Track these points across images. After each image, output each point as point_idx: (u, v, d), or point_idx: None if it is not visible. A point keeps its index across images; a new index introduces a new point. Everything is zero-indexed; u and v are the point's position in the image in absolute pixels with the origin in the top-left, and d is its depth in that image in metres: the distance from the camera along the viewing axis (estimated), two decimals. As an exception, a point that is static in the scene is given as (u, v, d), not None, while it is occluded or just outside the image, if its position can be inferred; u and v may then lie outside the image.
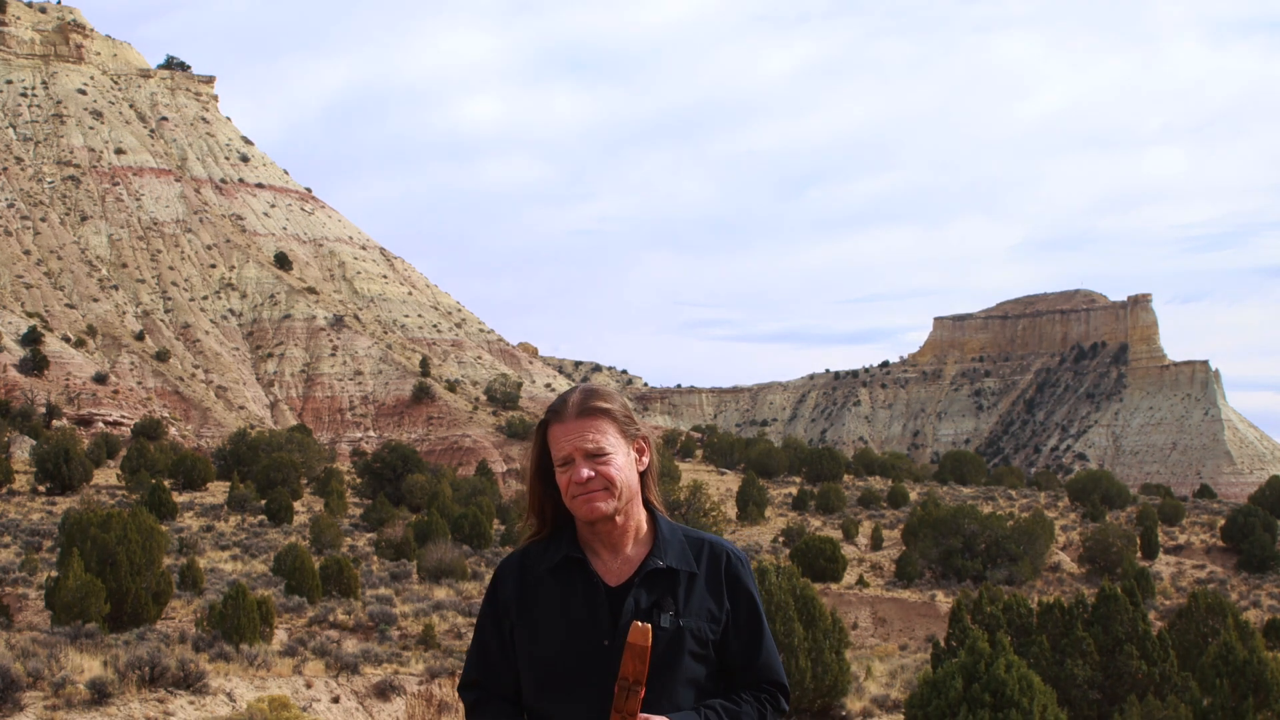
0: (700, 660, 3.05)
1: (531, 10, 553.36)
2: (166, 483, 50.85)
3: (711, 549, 3.13)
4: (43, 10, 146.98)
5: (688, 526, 3.21)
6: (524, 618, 3.07)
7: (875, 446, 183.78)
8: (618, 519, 3.05)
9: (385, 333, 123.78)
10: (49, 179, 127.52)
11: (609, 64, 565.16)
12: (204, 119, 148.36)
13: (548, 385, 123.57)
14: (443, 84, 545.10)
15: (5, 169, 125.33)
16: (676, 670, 3.01)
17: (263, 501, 48.86)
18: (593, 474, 2.99)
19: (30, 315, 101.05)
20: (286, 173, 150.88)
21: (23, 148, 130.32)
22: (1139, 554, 49.27)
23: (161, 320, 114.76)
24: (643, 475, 3.13)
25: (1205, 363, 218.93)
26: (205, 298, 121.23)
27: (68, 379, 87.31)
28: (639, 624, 2.87)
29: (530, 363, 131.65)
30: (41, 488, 51.71)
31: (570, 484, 3.00)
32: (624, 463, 3.04)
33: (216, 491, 55.38)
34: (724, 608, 3.09)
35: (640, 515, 3.12)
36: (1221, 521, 57.04)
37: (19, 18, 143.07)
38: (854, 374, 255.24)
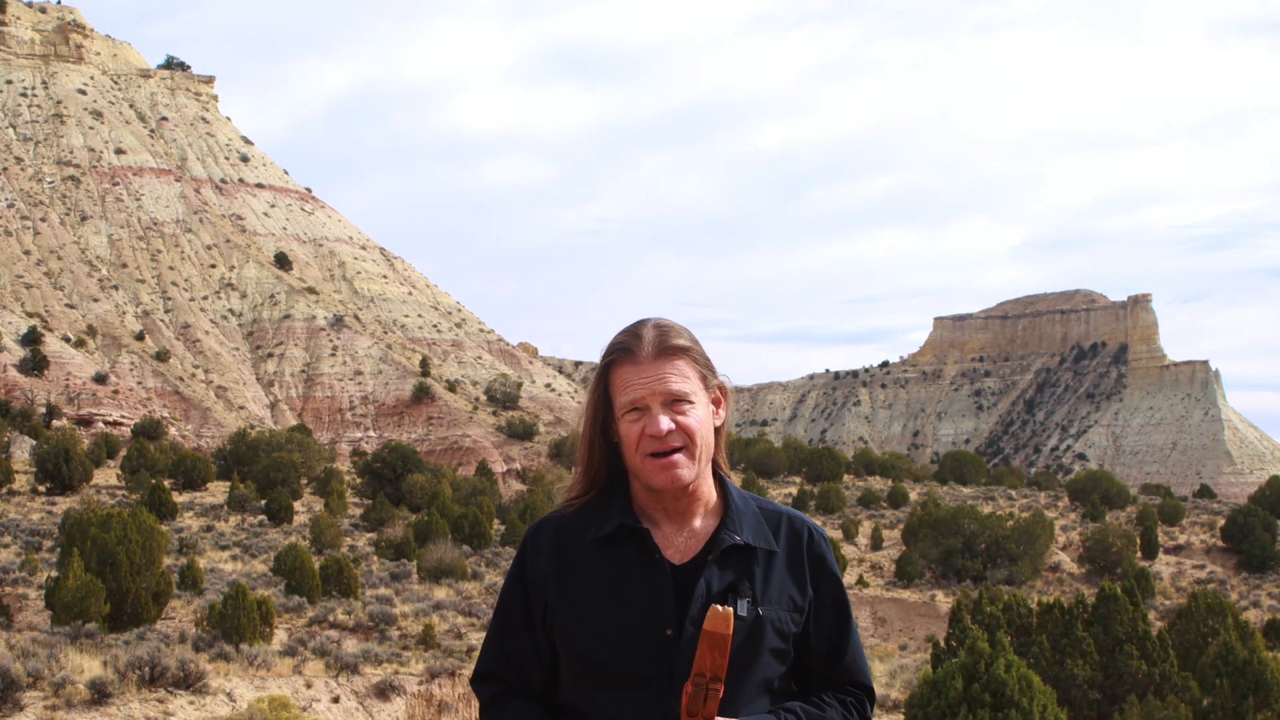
0: (779, 658, 2.55)
1: (533, 11, 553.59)
2: (166, 483, 50.83)
3: (790, 523, 2.62)
4: (43, 10, 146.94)
5: (758, 495, 2.72)
6: (563, 598, 2.54)
7: (875, 446, 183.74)
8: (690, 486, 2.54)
9: (385, 333, 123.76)
10: (49, 179, 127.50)
11: (610, 64, 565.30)
12: (204, 119, 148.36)
13: (548, 385, 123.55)
14: (444, 84, 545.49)
15: (5, 169, 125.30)
16: (752, 669, 2.51)
17: (263, 501, 48.84)
18: (673, 425, 2.47)
19: (30, 315, 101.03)
20: (286, 173, 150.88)
21: (23, 148, 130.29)
22: (1139, 554, 49.24)
23: (161, 320, 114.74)
24: (716, 430, 2.60)
25: (1205, 363, 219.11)
26: (205, 298, 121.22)
27: (68, 379, 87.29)
28: (719, 608, 2.37)
29: (530, 363, 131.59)
30: (41, 488, 51.70)
31: (642, 437, 2.48)
32: (705, 416, 2.53)
33: (216, 491, 55.36)
34: (807, 595, 2.58)
35: (710, 481, 2.60)
36: (1221, 521, 57.01)
37: (19, 18, 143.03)
38: (854, 374, 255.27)
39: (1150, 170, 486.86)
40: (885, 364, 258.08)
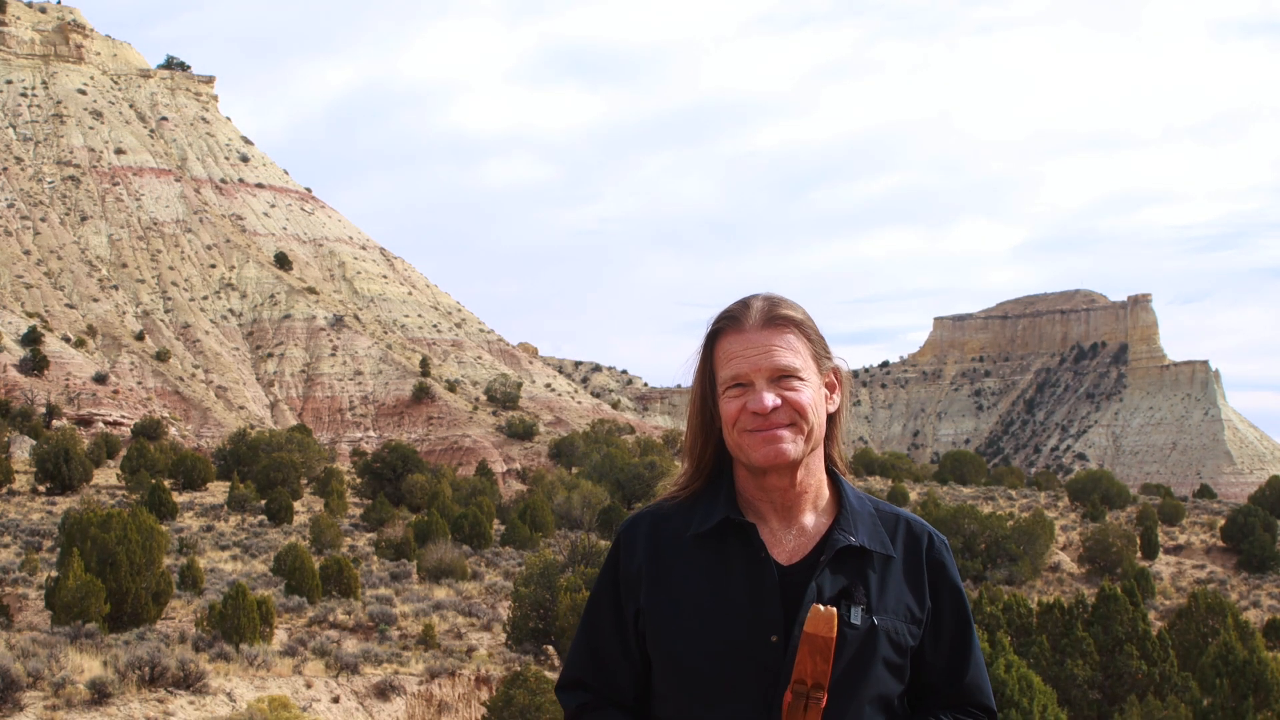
0: (895, 673, 2.31)
1: (534, 11, 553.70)
2: (166, 483, 50.82)
3: (909, 527, 2.39)
4: (43, 10, 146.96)
5: (875, 497, 2.50)
6: (657, 599, 2.31)
7: (875, 446, 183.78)
8: (798, 472, 2.30)
9: (385, 333, 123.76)
10: (49, 179, 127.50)
11: (612, 65, 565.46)
12: (204, 119, 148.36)
13: (548, 385, 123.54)
14: (445, 84, 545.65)
15: (5, 169, 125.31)
16: (864, 683, 2.26)
17: (263, 501, 48.83)
18: (778, 402, 2.24)
19: (30, 315, 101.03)
20: (286, 173, 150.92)
21: (23, 148, 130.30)
22: (1139, 554, 49.23)
23: (161, 320, 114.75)
24: (829, 419, 2.36)
25: (1205, 363, 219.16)
26: (205, 298, 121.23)
27: (68, 379, 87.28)
28: (820, 608, 2.17)
29: (530, 363, 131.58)
30: (41, 488, 51.68)
31: (743, 414, 2.26)
32: (815, 396, 2.29)
33: (216, 491, 55.35)
34: (925, 606, 2.35)
35: (822, 474, 2.37)
36: (1221, 521, 56.98)
37: (19, 18, 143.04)
38: (854, 374, 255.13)
39: (1151, 171, 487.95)
40: (885, 364, 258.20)
